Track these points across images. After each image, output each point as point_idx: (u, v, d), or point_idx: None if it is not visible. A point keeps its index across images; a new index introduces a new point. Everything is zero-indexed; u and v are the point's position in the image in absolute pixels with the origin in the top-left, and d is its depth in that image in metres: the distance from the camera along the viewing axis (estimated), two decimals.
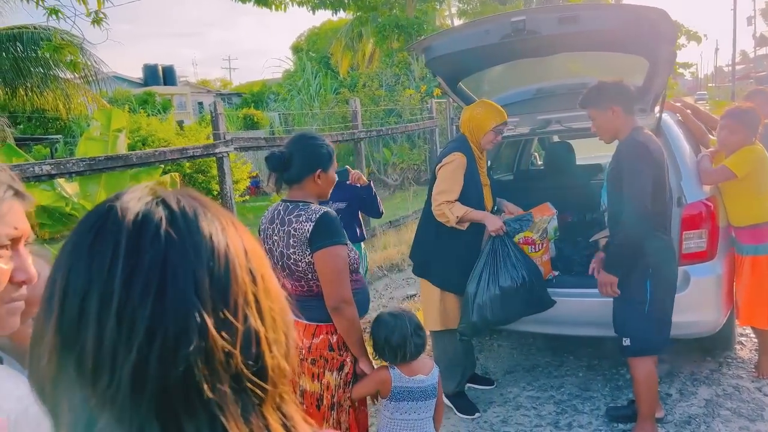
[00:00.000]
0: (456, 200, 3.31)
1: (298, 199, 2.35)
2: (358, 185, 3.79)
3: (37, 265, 1.07)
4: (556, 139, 5.83)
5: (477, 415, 3.56)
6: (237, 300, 0.57)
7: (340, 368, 2.34)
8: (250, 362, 0.58)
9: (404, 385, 2.39)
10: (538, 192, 4.23)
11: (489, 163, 3.59)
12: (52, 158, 10.42)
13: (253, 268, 0.61)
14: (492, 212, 3.57)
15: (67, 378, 0.54)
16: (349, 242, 2.37)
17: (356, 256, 2.40)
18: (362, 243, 4.18)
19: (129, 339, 0.52)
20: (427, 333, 2.68)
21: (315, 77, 17.16)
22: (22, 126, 17.41)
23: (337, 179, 2.86)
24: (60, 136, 16.53)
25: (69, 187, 5.98)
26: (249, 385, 0.57)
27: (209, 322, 0.54)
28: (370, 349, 2.47)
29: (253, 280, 0.60)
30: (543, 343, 4.54)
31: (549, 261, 3.71)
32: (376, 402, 2.54)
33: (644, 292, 2.98)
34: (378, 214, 4.21)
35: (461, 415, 3.56)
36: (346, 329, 2.28)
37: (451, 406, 3.60)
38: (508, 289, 3.22)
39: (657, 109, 3.70)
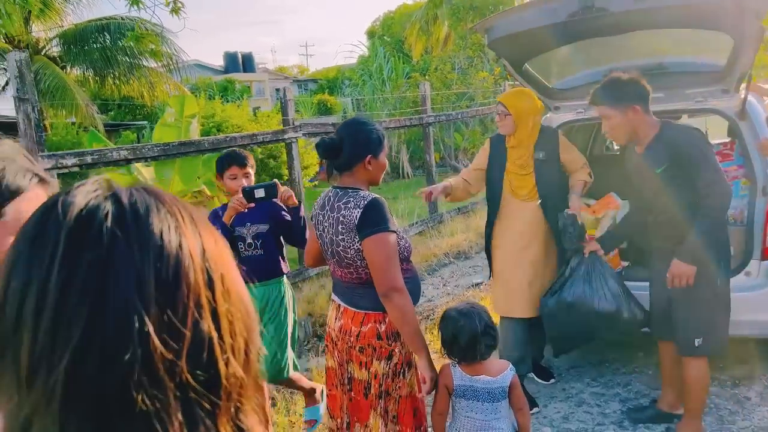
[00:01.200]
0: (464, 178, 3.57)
1: (348, 185, 2.32)
2: (286, 206, 3.12)
3: None
4: None
5: (535, 410, 3.44)
6: (187, 303, 0.53)
7: (389, 357, 2.29)
8: (199, 372, 0.53)
9: (466, 384, 2.31)
10: (612, 178, 4.01)
11: (542, 155, 3.41)
12: (138, 143, 10.93)
13: (211, 269, 0.56)
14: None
15: (4, 383, 0.52)
16: (398, 229, 2.32)
17: (407, 244, 2.35)
18: (285, 279, 3.22)
19: (64, 344, 0.49)
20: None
21: (387, 62, 17.10)
22: (112, 113, 18.37)
23: (262, 195, 2.84)
24: (146, 122, 17.32)
25: (146, 172, 6.24)
26: (198, 394, 0.53)
27: (150, 327, 0.50)
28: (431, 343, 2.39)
29: (209, 282, 0.56)
30: (612, 339, 4.33)
31: (617, 254, 3.53)
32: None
33: (713, 289, 2.79)
34: (302, 244, 3.15)
35: None
36: (398, 318, 2.21)
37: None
38: (582, 305, 3.10)
39: (742, 90, 3.42)
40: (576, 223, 3.12)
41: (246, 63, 38.31)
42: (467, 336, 2.26)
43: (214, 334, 0.55)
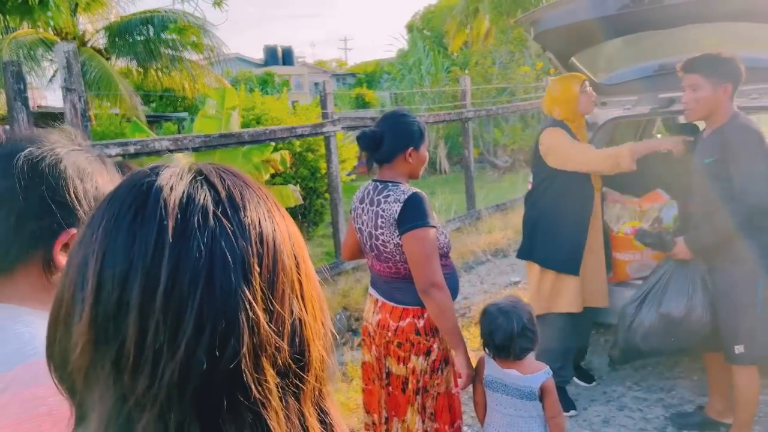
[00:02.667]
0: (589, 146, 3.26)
1: (388, 178, 2.29)
2: None
3: None
4: (682, 120, 5.35)
5: (573, 412, 3.36)
6: (284, 289, 0.54)
7: (427, 353, 2.26)
8: (297, 355, 0.54)
9: (496, 376, 2.27)
10: (659, 177, 3.88)
11: (606, 143, 3.35)
12: (179, 134, 11.13)
13: (297, 253, 0.57)
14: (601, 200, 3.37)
15: (102, 374, 0.50)
16: (438, 224, 2.28)
17: (446, 240, 2.31)
18: None
19: (175, 333, 0.48)
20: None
21: (427, 56, 17.00)
22: (154, 104, 18.72)
23: None
24: (187, 114, 17.59)
25: (186, 163, 6.32)
26: (293, 380, 0.53)
27: (260, 314, 0.50)
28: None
29: (298, 266, 0.56)
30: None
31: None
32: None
33: (755, 293, 2.65)
34: None
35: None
36: (437, 314, 2.18)
37: None
38: (673, 319, 2.92)
39: None
40: (653, 235, 3.02)
41: (285, 56, 38.66)
42: (502, 335, 2.21)
43: (306, 317, 0.55)
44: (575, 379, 3.66)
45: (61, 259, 0.96)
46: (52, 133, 1.04)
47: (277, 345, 0.51)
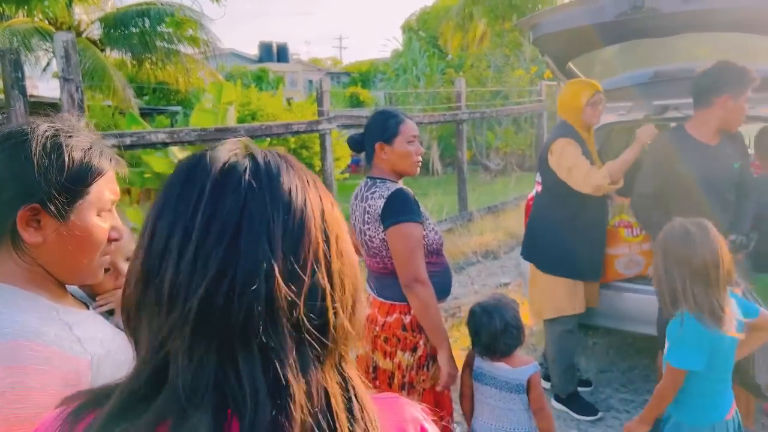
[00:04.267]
0: (593, 167, 3.09)
1: (376, 175, 2.33)
2: None
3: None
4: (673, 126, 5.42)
5: (600, 415, 3.36)
6: (306, 255, 0.60)
7: (413, 350, 2.28)
8: (312, 315, 0.60)
9: (485, 369, 2.32)
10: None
11: (598, 148, 3.36)
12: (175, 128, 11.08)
13: (328, 229, 0.64)
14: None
15: (148, 305, 0.59)
16: (431, 221, 2.31)
17: (437, 236, 2.33)
18: None
19: (202, 275, 0.56)
20: (527, 326, 2.44)
21: (422, 57, 17.03)
22: (147, 97, 18.60)
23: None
24: (180, 107, 17.51)
25: (182, 156, 6.32)
26: (308, 338, 0.59)
27: (276, 269, 0.57)
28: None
29: (326, 240, 0.63)
30: (643, 344, 4.26)
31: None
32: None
33: None
34: None
35: (581, 418, 3.36)
36: (419, 310, 2.19)
37: (567, 410, 3.41)
38: None
39: None
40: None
41: (280, 53, 38.52)
42: (487, 334, 2.27)
43: (327, 286, 0.61)
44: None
45: (29, 234, 0.96)
46: (57, 119, 1.06)
47: (290, 300, 0.57)
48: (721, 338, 1.99)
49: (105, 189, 1.05)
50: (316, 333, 0.60)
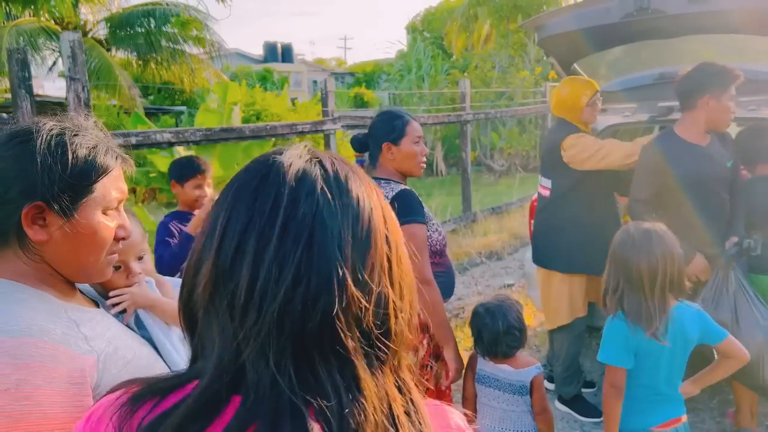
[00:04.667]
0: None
1: (381, 176, 2.33)
2: None
3: (131, 223, 1.16)
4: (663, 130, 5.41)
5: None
6: (374, 263, 0.62)
7: (416, 350, 2.29)
8: (378, 323, 0.61)
9: (488, 372, 2.32)
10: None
11: None
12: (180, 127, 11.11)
13: (390, 237, 0.65)
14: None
15: (220, 308, 0.60)
16: (434, 221, 2.31)
17: (441, 237, 2.34)
18: None
19: (278, 281, 0.57)
20: (531, 328, 2.45)
21: (426, 57, 17.03)
22: (152, 97, 18.65)
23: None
24: (185, 107, 17.55)
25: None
26: (375, 343, 0.61)
27: (349, 277, 0.58)
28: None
29: (389, 248, 0.64)
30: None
31: None
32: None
33: None
34: None
35: (585, 419, 3.34)
36: (426, 310, 2.17)
37: (571, 412, 3.39)
38: None
39: None
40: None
41: (285, 53, 38.59)
42: (489, 335, 2.27)
43: (391, 294, 0.63)
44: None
45: (34, 232, 0.96)
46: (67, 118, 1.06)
47: (362, 307, 0.59)
48: (649, 343, 2.03)
49: (111, 187, 1.04)
50: (383, 339, 0.61)
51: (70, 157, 0.98)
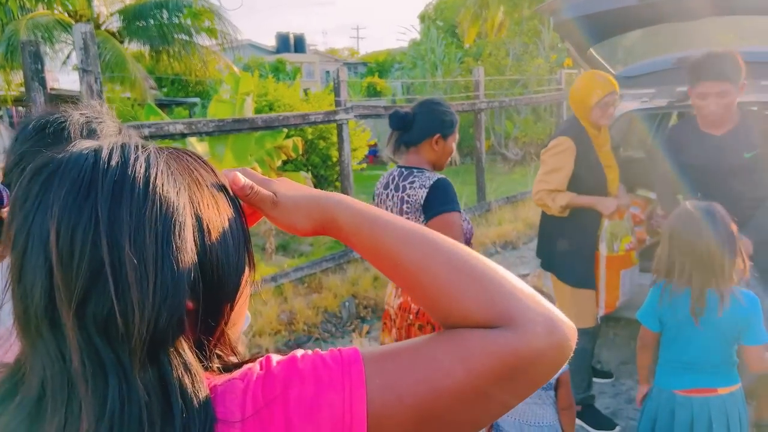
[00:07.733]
0: (560, 189, 2.94)
1: (413, 164, 2.33)
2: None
3: None
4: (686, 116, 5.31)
5: (618, 429, 3.16)
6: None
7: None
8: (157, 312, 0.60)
9: None
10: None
11: (619, 137, 3.26)
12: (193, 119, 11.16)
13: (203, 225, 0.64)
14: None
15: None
16: (463, 212, 2.30)
17: (469, 226, 2.35)
18: None
19: (73, 276, 0.55)
20: None
21: (439, 45, 16.91)
22: (166, 89, 18.74)
23: None
24: (198, 99, 17.61)
25: (200, 147, 6.32)
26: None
27: (130, 272, 0.56)
28: None
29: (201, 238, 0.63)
30: None
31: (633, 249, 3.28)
32: None
33: None
34: None
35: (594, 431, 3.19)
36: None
37: (582, 424, 3.19)
38: None
39: None
40: None
41: (297, 44, 38.56)
42: None
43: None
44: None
45: None
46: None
47: (140, 301, 0.56)
48: (681, 318, 2.14)
49: None
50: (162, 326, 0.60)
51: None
